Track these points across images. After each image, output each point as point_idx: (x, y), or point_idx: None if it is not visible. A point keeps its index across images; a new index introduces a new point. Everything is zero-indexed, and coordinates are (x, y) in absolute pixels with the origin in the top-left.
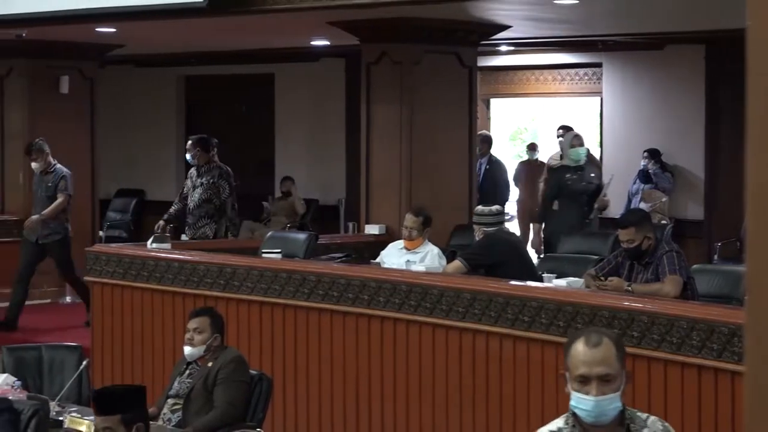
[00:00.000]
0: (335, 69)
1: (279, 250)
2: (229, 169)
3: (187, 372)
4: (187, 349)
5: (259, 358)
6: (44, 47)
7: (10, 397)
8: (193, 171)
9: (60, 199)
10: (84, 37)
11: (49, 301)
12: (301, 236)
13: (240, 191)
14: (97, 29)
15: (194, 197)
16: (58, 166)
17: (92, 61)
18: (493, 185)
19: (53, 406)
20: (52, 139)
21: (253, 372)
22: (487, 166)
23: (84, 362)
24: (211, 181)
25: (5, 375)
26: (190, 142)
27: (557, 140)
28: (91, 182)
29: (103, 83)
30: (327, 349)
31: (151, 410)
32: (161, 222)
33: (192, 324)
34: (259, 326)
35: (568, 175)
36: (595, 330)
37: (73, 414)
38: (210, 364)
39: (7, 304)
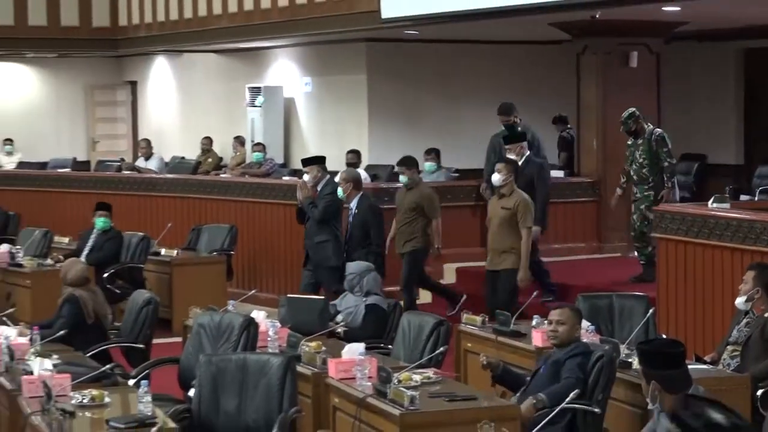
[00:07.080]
0: None
1: None
2: None
3: (745, 321)
4: (739, 300)
5: None
6: (615, 26)
7: (585, 341)
8: None
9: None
10: (651, 16)
11: (619, 255)
12: None
13: None
14: (663, 8)
15: None
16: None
17: (658, 38)
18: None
19: (623, 349)
20: (621, 109)
21: None
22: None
23: (650, 311)
24: None
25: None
26: None
27: None
28: None
29: (668, 58)
30: None
31: (711, 356)
32: None
33: (747, 277)
34: None
35: None
36: None
37: None
38: (766, 315)
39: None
